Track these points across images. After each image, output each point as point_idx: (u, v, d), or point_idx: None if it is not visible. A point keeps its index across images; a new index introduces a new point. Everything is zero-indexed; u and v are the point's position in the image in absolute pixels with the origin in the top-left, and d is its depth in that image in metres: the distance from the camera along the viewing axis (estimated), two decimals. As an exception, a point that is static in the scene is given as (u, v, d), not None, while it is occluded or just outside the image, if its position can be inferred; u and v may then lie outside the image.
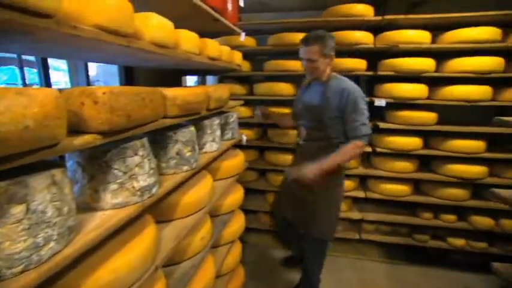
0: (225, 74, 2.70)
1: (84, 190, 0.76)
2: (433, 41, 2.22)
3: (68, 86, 1.70)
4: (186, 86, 1.42)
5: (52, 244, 0.55)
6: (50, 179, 0.56)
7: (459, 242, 2.35)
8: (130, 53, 0.87)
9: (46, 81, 1.22)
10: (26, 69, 1.66)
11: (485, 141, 2.19)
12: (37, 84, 1.52)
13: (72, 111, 0.63)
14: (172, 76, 1.83)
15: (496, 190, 0.91)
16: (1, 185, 0.48)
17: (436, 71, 2.24)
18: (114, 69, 1.76)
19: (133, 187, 0.79)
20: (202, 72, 2.10)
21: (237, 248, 1.91)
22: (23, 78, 1.49)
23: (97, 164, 0.75)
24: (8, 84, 3.33)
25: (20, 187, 0.50)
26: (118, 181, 0.77)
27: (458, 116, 2.40)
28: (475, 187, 2.30)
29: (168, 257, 0.99)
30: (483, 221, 2.23)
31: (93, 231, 0.66)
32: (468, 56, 2.12)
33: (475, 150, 2.18)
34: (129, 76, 1.58)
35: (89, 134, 0.63)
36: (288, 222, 1.96)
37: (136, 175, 0.80)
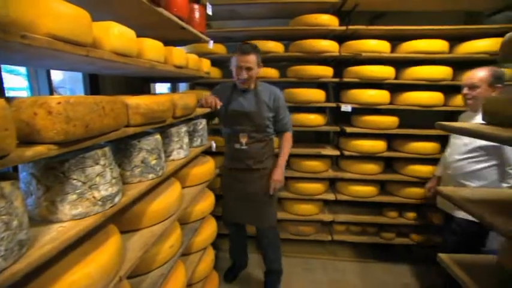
0: (195, 81, 2.70)
1: (39, 202, 0.73)
2: (392, 50, 2.38)
3: (28, 92, 1.61)
4: (152, 94, 1.41)
5: None
6: (-3, 192, 0.54)
7: (421, 238, 2.50)
8: (91, 62, 0.86)
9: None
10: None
11: (439, 143, 2.37)
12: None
13: (25, 121, 0.61)
14: (140, 83, 1.80)
15: (440, 188, 1.00)
16: None
17: (395, 78, 2.40)
18: (80, 75, 1.71)
19: (94, 197, 0.78)
20: (172, 80, 2.08)
21: (210, 255, 1.90)
22: None
23: (53, 175, 0.73)
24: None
25: (-37, 202, 0.48)
26: (77, 191, 0.75)
27: (416, 120, 2.57)
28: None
29: (134, 267, 0.98)
30: (438, 217, 2.40)
31: (48, 244, 0.65)
32: (422, 65, 2.30)
33: (430, 152, 2.36)
34: (94, 84, 1.54)
35: (43, 144, 0.62)
36: (237, 227, 2.17)
37: (97, 185, 0.79)
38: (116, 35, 0.84)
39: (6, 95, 1.28)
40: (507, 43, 0.88)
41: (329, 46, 2.39)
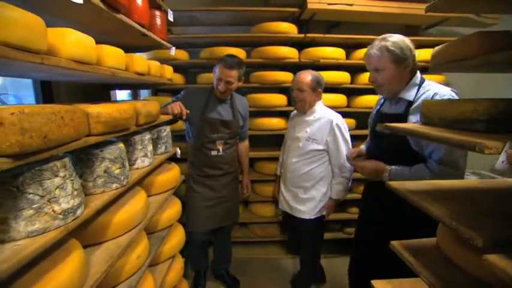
0: (158, 88, 2.65)
1: (-11, 220, 0.68)
2: (347, 57, 2.56)
3: None
4: (114, 102, 1.37)
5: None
6: None
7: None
8: (46, 70, 0.82)
9: None
10: None
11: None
12: None
13: (-27, 134, 0.57)
14: (100, 91, 1.73)
15: (389, 182, 1.11)
16: None
17: (351, 83, 2.58)
18: (27, 81, 1.59)
19: (53, 211, 0.75)
20: (132, 87, 2.03)
21: (179, 263, 1.86)
22: None
23: (4, 190, 0.68)
24: None
25: None
26: (34, 206, 0.71)
27: (366, 121, 2.78)
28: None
29: (99, 282, 0.94)
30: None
31: (2, 264, 0.61)
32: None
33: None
34: (47, 91, 1.45)
35: (-5, 157, 0.58)
36: (205, 235, 2.17)
37: (57, 197, 0.76)
38: (72, 42, 0.82)
39: None
40: (435, 55, 1.02)
41: (289, 53, 2.50)
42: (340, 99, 2.56)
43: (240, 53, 2.48)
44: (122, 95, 2.75)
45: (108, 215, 1.13)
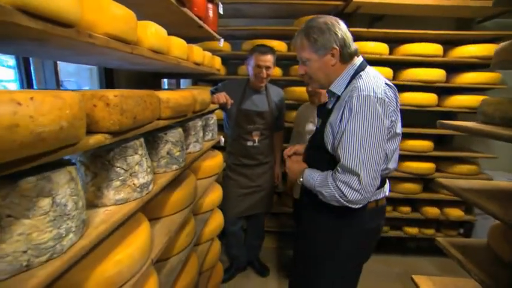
0: (199, 78, 2.75)
1: (86, 187, 0.79)
2: (391, 52, 2.50)
3: (17, 84, 1.59)
4: (172, 89, 1.47)
5: (71, 235, 0.60)
6: (68, 175, 0.60)
7: (413, 231, 2.65)
8: (129, 58, 0.91)
9: (27, 80, 1.20)
10: None
11: (433, 142, 2.51)
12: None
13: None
14: (152, 79, 1.85)
15: (439, 179, 1.11)
16: (31, 180, 0.52)
17: (393, 79, 2.52)
18: (85, 68, 1.74)
19: (134, 184, 0.85)
20: (178, 76, 2.13)
21: (216, 246, 1.97)
22: None
23: (100, 162, 0.79)
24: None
25: (46, 182, 0.54)
26: (120, 178, 0.81)
27: (411, 119, 2.71)
28: (425, 181, 2.63)
29: (162, 252, 1.04)
30: (432, 211, 2.56)
31: (102, 224, 0.71)
32: (418, 67, 2.43)
33: (424, 149, 2.50)
34: (109, 78, 1.58)
35: (100, 134, 0.68)
36: (238, 223, 2.27)
37: (136, 173, 0.85)
38: (153, 34, 0.90)
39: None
40: (500, 52, 0.99)
41: (330, 47, 2.48)
42: (380, 95, 2.52)
43: (281, 46, 2.50)
44: (164, 85, 2.88)
45: (167, 193, 1.24)
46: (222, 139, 1.92)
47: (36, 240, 0.53)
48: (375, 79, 1.04)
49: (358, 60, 1.13)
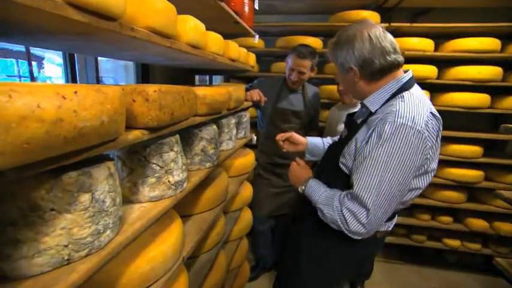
0: (232, 75, 2.75)
1: (123, 183, 0.79)
2: (436, 49, 2.31)
3: (63, 80, 1.67)
4: (207, 85, 1.46)
5: (108, 232, 0.59)
6: (107, 170, 0.59)
7: (454, 243, 2.44)
8: (167, 53, 0.91)
9: (72, 76, 1.24)
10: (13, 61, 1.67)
11: (482, 147, 2.29)
12: (27, 78, 1.53)
13: (124, 107, 0.66)
14: (186, 74, 1.86)
15: (501, 191, 0.98)
16: (73, 175, 0.51)
17: (437, 78, 2.33)
18: (122, 64, 1.78)
19: (169, 181, 0.83)
20: (211, 72, 2.14)
21: (244, 245, 1.95)
22: (31, 72, 1.49)
23: (136, 158, 0.78)
24: (9, 76, 3.28)
25: (86, 177, 0.54)
26: (156, 175, 0.81)
27: (456, 121, 2.49)
28: (471, 190, 2.41)
29: (193, 250, 1.03)
30: (478, 223, 2.34)
31: (137, 221, 0.70)
32: (468, 64, 2.22)
33: (471, 155, 2.28)
34: (145, 73, 1.61)
35: (138, 129, 0.67)
36: (268, 222, 2.22)
37: (171, 170, 0.84)
38: (191, 28, 0.89)
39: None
40: None
41: (368, 43, 2.35)
42: (422, 95, 2.34)
43: (316, 42, 2.41)
44: (196, 81, 2.91)
45: (199, 191, 1.23)
46: (254, 137, 1.89)
47: (76, 235, 0.53)
48: (419, 105, 0.88)
49: (405, 76, 0.97)
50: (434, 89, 2.38)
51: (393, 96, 0.94)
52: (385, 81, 0.96)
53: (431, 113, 0.90)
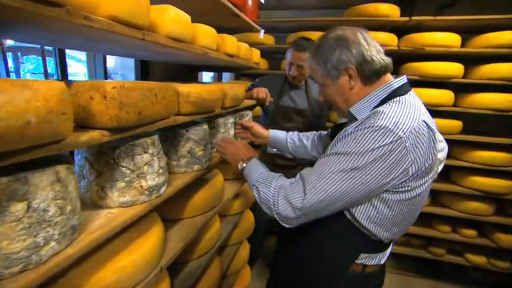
0: (241, 72, 2.66)
1: (91, 187, 0.73)
2: (463, 44, 2.10)
3: (86, 77, 1.70)
4: (201, 82, 1.39)
5: (53, 244, 0.53)
6: (53, 176, 0.53)
7: (479, 259, 2.22)
8: (145, 47, 0.84)
9: (62, 72, 1.22)
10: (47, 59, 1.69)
11: (514, 154, 2.06)
12: (54, 75, 1.53)
13: (82, 105, 0.60)
14: (188, 71, 1.80)
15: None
16: (2, 181, 0.45)
17: (464, 77, 2.12)
18: (131, 62, 1.75)
19: (141, 186, 0.77)
20: (218, 69, 2.06)
21: (245, 249, 1.87)
22: (45, 69, 1.50)
23: (104, 160, 0.72)
24: (33, 74, 3.41)
25: (20, 184, 0.47)
26: (126, 179, 0.74)
27: (484, 125, 2.26)
28: (499, 202, 2.17)
29: (178, 256, 0.97)
30: (507, 239, 2.10)
31: (98, 230, 0.64)
32: (499, 61, 1.99)
33: (501, 163, 2.05)
34: (144, 70, 1.57)
35: (97, 130, 0.60)
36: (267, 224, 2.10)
37: (145, 174, 0.77)
38: (172, 19, 0.81)
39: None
40: None
41: (386, 39, 2.18)
42: (445, 96, 2.13)
43: (329, 38, 2.27)
44: (205, 78, 2.87)
45: (187, 194, 1.16)
46: (257, 138, 1.79)
47: (6, 250, 0.46)
48: (410, 110, 0.75)
49: (399, 81, 0.84)
50: (459, 89, 2.17)
51: (382, 102, 0.82)
52: (377, 85, 0.84)
53: (424, 121, 0.76)
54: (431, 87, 2.13)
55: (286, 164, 1.94)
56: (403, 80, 0.85)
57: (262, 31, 1.68)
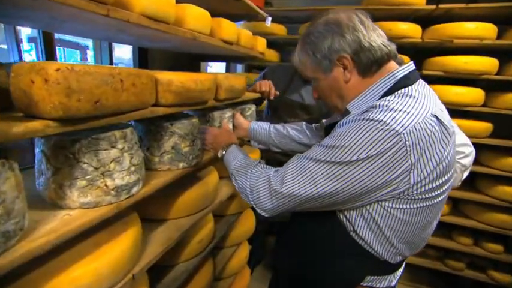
0: (252, 64, 2.54)
1: (48, 184, 0.65)
2: (499, 36, 1.86)
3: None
4: (185, 72, 1.28)
5: (-26, 255, 0.44)
6: (-23, 174, 0.44)
7: (504, 278, 2.00)
8: (119, 27, 0.74)
9: (49, 58, 1.15)
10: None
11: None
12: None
13: (23, 90, 0.51)
14: (190, 61, 1.70)
15: None
16: None
17: (498, 74, 1.89)
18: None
19: (106, 185, 0.67)
20: (224, 59, 1.95)
21: (244, 251, 1.78)
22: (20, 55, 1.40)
23: (63, 155, 0.63)
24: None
25: None
26: (87, 177, 0.65)
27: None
28: (531, 215, 1.94)
29: (151, 265, 0.88)
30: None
31: (44, 236, 0.55)
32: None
33: (536, 172, 1.82)
34: (143, 58, 1.48)
35: (39, 119, 0.51)
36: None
37: (111, 172, 0.68)
38: (147, -5, 0.70)
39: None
40: None
41: (409, 30, 1.98)
42: (473, 94, 1.90)
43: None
44: (217, 70, 2.76)
45: (174, 193, 1.07)
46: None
47: None
48: (416, 102, 0.62)
49: (404, 68, 0.71)
50: (491, 87, 1.94)
51: (385, 95, 0.69)
52: (378, 76, 0.71)
53: (434, 116, 0.62)
54: (458, 84, 1.92)
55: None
56: (409, 67, 0.71)
57: (270, 18, 1.55)
